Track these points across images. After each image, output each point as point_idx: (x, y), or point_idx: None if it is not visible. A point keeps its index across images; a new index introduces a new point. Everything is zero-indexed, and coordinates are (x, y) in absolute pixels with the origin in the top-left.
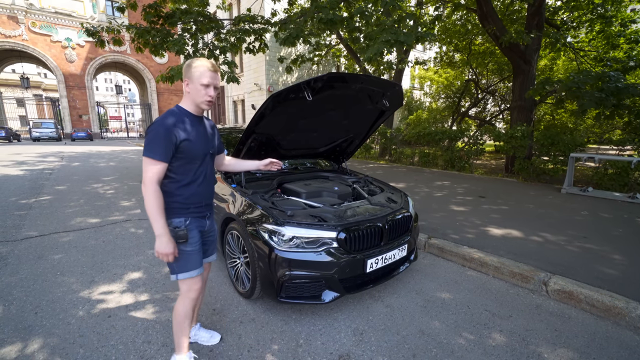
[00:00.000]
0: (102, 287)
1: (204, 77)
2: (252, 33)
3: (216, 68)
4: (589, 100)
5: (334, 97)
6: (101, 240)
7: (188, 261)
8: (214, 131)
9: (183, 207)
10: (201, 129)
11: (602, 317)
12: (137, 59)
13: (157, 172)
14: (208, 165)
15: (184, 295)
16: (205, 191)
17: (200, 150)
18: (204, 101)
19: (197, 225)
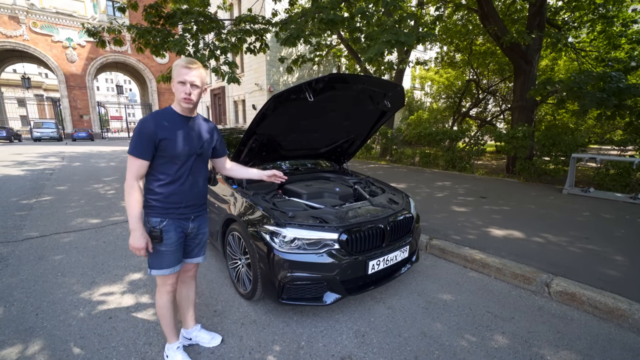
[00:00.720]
0: (102, 288)
1: (179, 75)
2: (253, 33)
3: (194, 65)
4: (590, 101)
5: (336, 97)
6: (102, 241)
7: (162, 259)
8: (210, 134)
9: (161, 206)
10: (187, 129)
11: (604, 319)
12: (138, 59)
13: (136, 168)
14: (194, 167)
15: (159, 289)
16: (188, 192)
17: (181, 150)
18: (181, 99)
19: (176, 227)
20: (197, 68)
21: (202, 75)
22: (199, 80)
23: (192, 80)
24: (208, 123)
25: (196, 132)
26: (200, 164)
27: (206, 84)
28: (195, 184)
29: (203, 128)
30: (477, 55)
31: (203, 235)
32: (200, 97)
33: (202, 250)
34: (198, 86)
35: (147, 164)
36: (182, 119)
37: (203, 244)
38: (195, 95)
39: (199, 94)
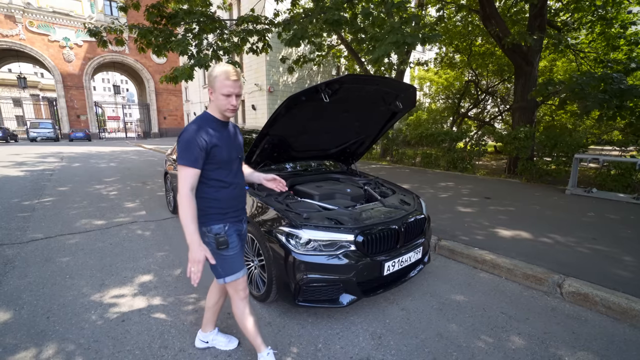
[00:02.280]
0: (113, 290)
1: (223, 87)
2: (256, 33)
3: (237, 75)
4: (592, 102)
5: (348, 98)
6: (108, 243)
7: (232, 264)
8: (240, 137)
9: (221, 212)
10: (229, 135)
11: (618, 319)
12: (136, 59)
13: (189, 179)
14: (239, 170)
15: (234, 299)
16: (239, 196)
17: (229, 155)
18: (227, 110)
19: (235, 229)
20: (239, 78)
21: (242, 83)
22: (241, 89)
23: (237, 92)
24: (236, 127)
25: (234, 136)
26: (240, 166)
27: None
28: (243, 187)
29: (235, 132)
30: (477, 56)
31: (246, 235)
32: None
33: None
34: (240, 95)
35: (199, 172)
36: (223, 125)
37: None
38: (238, 105)
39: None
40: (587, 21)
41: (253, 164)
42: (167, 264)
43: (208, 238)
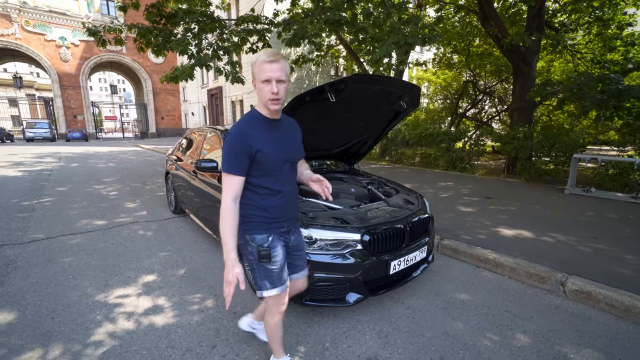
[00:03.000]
0: (117, 290)
1: (262, 73)
2: (256, 33)
3: (277, 56)
4: (591, 102)
5: (353, 98)
6: (110, 243)
7: (273, 278)
8: (297, 135)
9: (265, 221)
10: (277, 134)
11: (621, 317)
12: (133, 58)
13: (232, 188)
14: (289, 175)
15: (271, 310)
16: (287, 205)
17: (276, 159)
18: (268, 101)
19: (281, 241)
20: (280, 60)
21: (286, 67)
22: (284, 74)
23: (277, 76)
24: (293, 123)
25: (285, 136)
26: (292, 171)
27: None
28: (293, 195)
29: (291, 130)
30: (475, 57)
31: (302, 245)
32: (286, 94)
33: (305, 263)
34: (284, 81)
35: (243, 180)
36: (270, 124)
37: (304, 256)
38: (282, 93)
39: (285, 90)
40: (585, 22)
41: None
42: (171, 264)
43: (251, 247)
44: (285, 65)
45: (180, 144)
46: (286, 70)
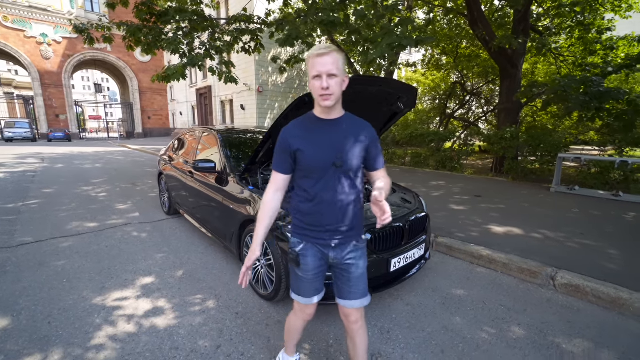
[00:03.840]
0: (114, 293)
1: (313, 68)
2: (248, 33)
3: (326, 50)
4: (574, 103)
5: (352, 99)
6: (104, 245)
7: (299, 285)
8: (355, 139)
9: (300, 226)
10: (326, 135)
11: (608, 308)
12: (118, 56)
13: (274, 181)
14: (332, 182)
15: (297, 313)
16: (324, 213)
17: (317, 161)
18: (319, 97)
19: (314, 252)
20: (330, 52)
21: (339, 60)
22: (336, 67)
23: (327, 70)
24: (358, 125)
25: (336, 137)
26: (341, 178)
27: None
28: (334, 204)
29: (347, 132)
30: (462, 59)
31: (355, 269)
32: (341, 89)
33: (357, 292)
34: (335, 75)
35: (287, 177)
36: (320, 124)
37: (357, 282)
38: (334, 88)
39: (339, 85)
40: (567, 26)
41: (258, 164)
42: (168, 265)
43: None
44: (337, 58)
45: (173, 144)
46: (339, 63)
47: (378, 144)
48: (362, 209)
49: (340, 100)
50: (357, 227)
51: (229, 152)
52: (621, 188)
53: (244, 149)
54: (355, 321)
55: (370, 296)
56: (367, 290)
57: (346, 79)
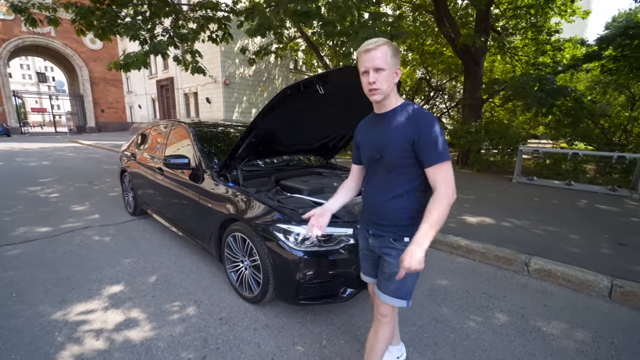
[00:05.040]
0: (77, 306)
1: (361, 65)
2: (215, 21)
3: (373, 44)
4: (532, 100)
5: (337, 91)
6: (60, 252)
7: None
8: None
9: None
10: (375, 129)
11: (577, 290)
12: (65, 42)
13: (351, 170)
14: (373, 175)
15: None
16: (367, 204)
17: (364, 155)
18: (367, 92)
19: (363, 235)
20: (378, 47)
21: (387, 53)
22: (383, 61)
23: (374, 64)
24: (407, 117)
25: (380, 131)
26: (381, 172)
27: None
28: (372, 196)
29: (391, 125)
30: (427, 56)
31: (388, 266)
32: (390, 82)
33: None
34: (383, 68)
35: (358, 167)
36: (375, 118)
37: (389, 278)
38: (381, 82)
39: (387, 79)
40: (522, 27)
41: (238, 159)
42: (138, 271)
43: None
44: (385, 51)
45: (137, 139)
46: (387, 56)
47: (432, 136)
48: (414, 209)
49: (390, 94)
50: (399, 226)
51: (204, 146)
52: (572, 178)
53: (219, 144)
54: (384, 315)
55: (405, 301)
56: (404, 295)
57: (398, 72)
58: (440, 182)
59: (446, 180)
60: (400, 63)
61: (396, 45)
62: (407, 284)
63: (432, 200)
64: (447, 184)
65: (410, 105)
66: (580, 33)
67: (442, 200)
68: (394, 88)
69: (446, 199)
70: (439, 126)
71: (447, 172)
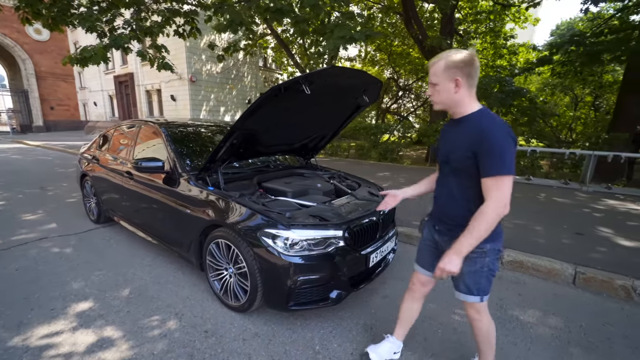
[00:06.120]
0: (40, 329)
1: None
2: (182, 15)
3: (433, 60)
4: (494, 100)
5: (322, 91)
6: (12, 268)
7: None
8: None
9: None
10: (448, 135)
11: (545, 279)
12: (4, 32)
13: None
14: (442, 177)
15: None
16: (435, 202)
17: (438, 155)
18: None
19: (430, 227)
20: (434, 63)
21: (439, 68)
22: (435, 77)
23: (430, 79)
24: (473, 125)
25: (451, 136)
26: (448, 175)
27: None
28: (439, 196)
29: (460, 131)
30: (395, 56)
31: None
32: (447, 94)
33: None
34: (434, 83)
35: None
36: (451, 123)
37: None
38: (434, 95)
39: (441, 91)
40: (481, 32)
41: (219, 160)
42: (108, 285)
43: None
44: (438, 67)
45: (99, 140)
46: (438, 71)
47: (492, 147)
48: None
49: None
50: (463, 226)
51: (178, 148)
52: (530, 173)
53: (192, 145)
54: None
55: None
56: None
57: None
58: (491, 194)
59: (498, 193)
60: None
61: (455, 58)
62: (475, 281)
63: (479, 211)
64: (498, 197)
65: (484, 114)
66: (529, 39)
67: (488, 213)
68: (462, 97)
69: (493, 212)
70: (504, 138)
71: (502, 185)
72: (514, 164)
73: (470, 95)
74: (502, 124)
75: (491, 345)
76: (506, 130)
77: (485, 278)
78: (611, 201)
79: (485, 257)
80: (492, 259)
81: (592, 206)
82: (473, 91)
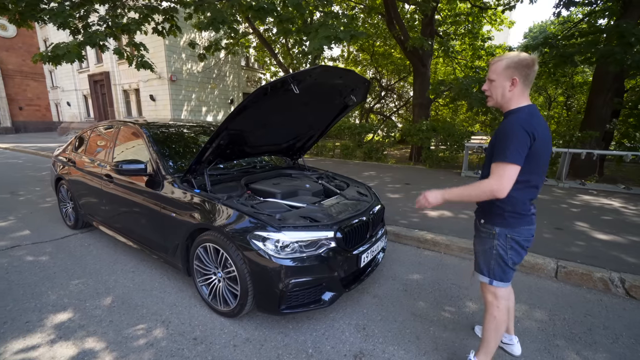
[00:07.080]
0: (14, 343)
1: None
2: (162, 12)
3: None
4: (474, 100)
5: (310, 91)
6: None
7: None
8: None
9: None
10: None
11: (529, 273)
12: None
13: None
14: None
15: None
16: None
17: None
18: None
19: None
20: (496, 62)
21: (500, 66)
22: (495, 73)
23: (488, 75)
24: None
25: (496, 133)
26: (487, 163)
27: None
28: None
29: (500, 126)
30: (377, 56)
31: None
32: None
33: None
34: (492, 79)
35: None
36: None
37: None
38: (491, 90)
39: (497, 88)
40: (460, 33)
41: (205, 162)
42: (89, 293)
43: None
44: (499, 65)
45: (75, 143)
46: (498, 69)
47: (503, 139)
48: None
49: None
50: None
51: (161, 149)
52: None
53: (175, 146)
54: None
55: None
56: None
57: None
58: (493, 175)
59: (498, 175)
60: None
61: (516, 59)
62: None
63: (479, 180)
64: (497, 178)
65: (516, 111)
66: (504, 40)
67: (483, 184)
68: (513, 95)
69: (487, 186)
70: (514, 130)
71: (503, 170)
72: (522, 155)
73: (521, 95)
74: (523, 119)
75: (498, 336)
76: (521, 124)
77: (495, 261)
78: (586, 196)
79: (494, 240)
80: (502, 244)
81: (568, 202)
82: (526, 92)
